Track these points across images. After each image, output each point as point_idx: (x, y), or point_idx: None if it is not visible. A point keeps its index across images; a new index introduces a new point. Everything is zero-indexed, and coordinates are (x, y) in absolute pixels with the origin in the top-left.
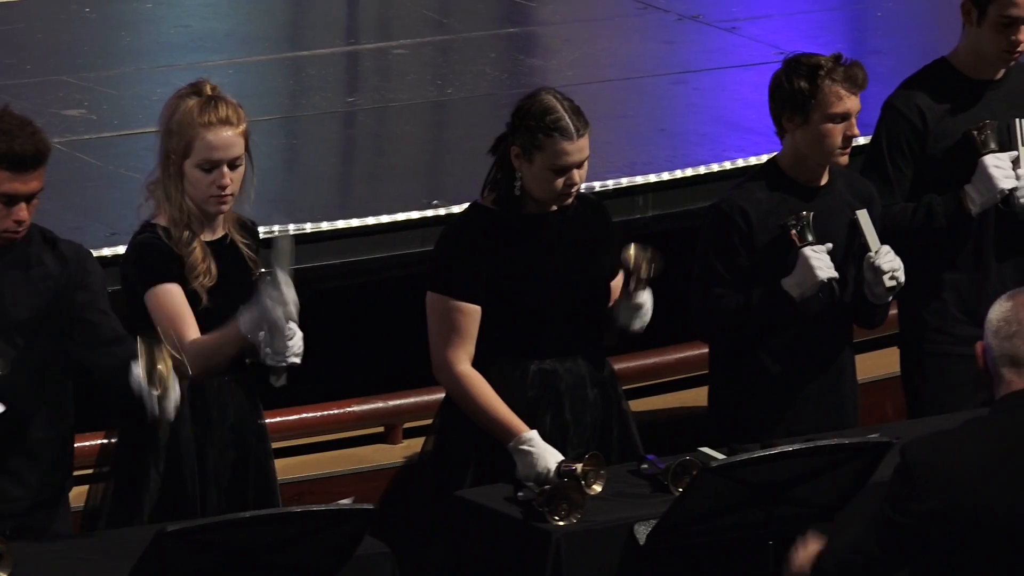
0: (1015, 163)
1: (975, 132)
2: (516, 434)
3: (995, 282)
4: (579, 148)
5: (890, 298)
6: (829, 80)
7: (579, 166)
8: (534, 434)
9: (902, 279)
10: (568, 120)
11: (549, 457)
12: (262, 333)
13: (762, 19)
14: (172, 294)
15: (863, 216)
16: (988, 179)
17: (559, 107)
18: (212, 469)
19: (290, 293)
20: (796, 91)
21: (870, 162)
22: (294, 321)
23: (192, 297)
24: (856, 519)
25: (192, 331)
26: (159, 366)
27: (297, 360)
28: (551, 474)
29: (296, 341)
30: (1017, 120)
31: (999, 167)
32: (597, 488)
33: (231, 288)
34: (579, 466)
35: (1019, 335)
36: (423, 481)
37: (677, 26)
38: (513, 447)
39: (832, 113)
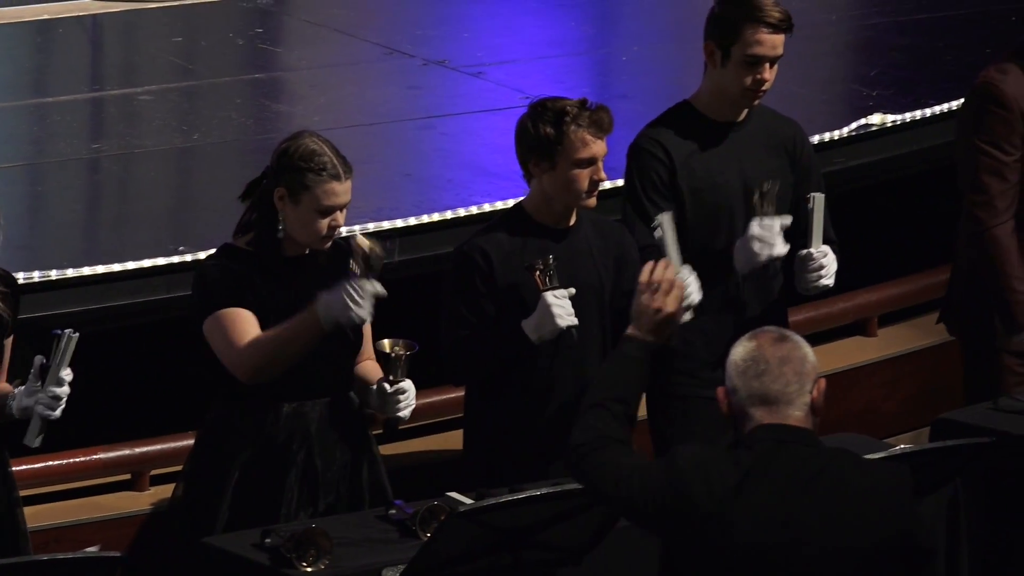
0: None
1: (760, 191)
2: (313, 307)
3: (742, 326)
4: (346, 189)
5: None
6: (575, 126)
7: (343, 208)
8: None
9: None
10: (336, 162)
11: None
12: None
13: (508, 64)
14: None
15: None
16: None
17: (325, 148)
18: None
19: (63, 389)
20: (542, 137)
21: (629, 207)
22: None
23: None
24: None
25: None
26: None
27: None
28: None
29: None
30: (813, 195)
31: (560, 305)
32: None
33: None
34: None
35: (768, 373)
36: (173, 528)
37: (423, 71)
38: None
39: (579, 158)
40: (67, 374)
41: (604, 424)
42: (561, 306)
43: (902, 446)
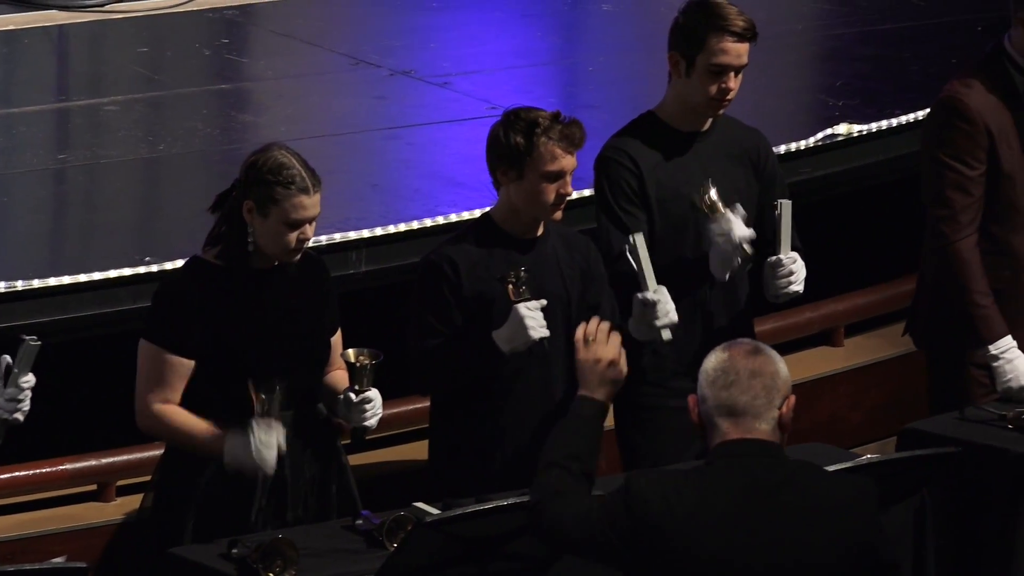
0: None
1: (700, 197)
2: (221, 436)
3: (710, 336)
4: (314, 203)
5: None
6: (545, 138)
7: (311, 221)
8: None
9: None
10: (304, 175)
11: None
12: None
13: (474, 74)
14: None
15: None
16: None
17: (294, 162)
18: None
19: (23, 393)
20: (512, 146)
21: (603, 217)
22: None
23: None
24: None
25: None
26: None
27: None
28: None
29: (26, 403)
30: (780, 202)
31: (532, 316)
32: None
33: None
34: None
35: (736, 385)
36: (142, 538)
37: (389, 81)
38: (229, 448)
39: (547, 171)
40: (27, 380)
41: (559, 481)
42: (534, 318)
43: (869, 456)
